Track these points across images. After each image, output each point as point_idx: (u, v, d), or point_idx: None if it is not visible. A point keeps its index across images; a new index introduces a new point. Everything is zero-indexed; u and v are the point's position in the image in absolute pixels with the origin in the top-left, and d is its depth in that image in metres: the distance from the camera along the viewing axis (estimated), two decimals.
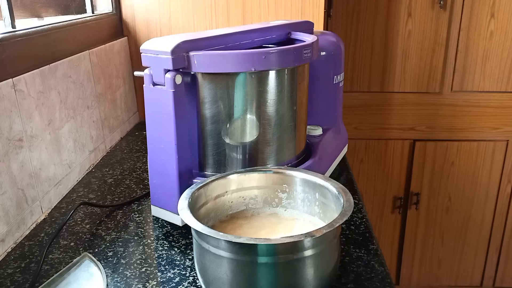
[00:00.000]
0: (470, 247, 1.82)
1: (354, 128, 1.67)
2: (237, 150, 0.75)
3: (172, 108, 0.69)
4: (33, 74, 0.80)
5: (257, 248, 0.50)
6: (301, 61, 0.74)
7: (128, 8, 1.26)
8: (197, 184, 0.65)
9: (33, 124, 0.80)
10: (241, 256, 0.51)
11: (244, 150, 0.76)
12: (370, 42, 1.58)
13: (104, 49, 1.13)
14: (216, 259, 0.53)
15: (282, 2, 1.21)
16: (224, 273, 0.53)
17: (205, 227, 0.53)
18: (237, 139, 0.75)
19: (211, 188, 0.66)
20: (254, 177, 0.70)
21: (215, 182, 0.67)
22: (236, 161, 0.76)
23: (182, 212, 0.57)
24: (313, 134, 0.92)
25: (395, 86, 1.63)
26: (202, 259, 0.55)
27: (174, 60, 0.67)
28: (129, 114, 1.30)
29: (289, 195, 0.70)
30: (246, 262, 0.51)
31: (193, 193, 0.62)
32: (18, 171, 0.75)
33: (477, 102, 1.62)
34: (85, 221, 0.81)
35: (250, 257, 0.51)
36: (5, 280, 0.65)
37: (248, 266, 0.51)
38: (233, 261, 0.52)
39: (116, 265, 0.67)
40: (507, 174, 1.70)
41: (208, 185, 0.66)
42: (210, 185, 0.66)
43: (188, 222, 0.54)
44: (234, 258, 0.51)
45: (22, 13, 0.94)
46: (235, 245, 0.51)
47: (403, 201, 1.76)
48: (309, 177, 0.68)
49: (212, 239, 0.52)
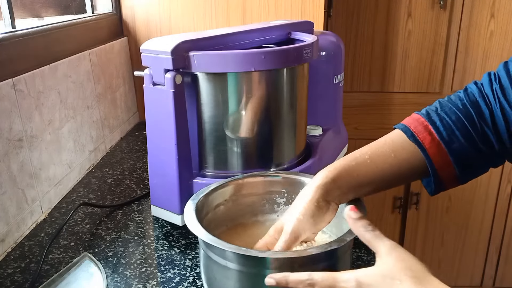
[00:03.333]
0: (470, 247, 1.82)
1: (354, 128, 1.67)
2: (237, 150, 0.75)
3: (172, 108, 0.69)
4: (33, 74, 0.80)
5: (266, 261, 0.48)
6: (301, 61, 0.74)
7: (128, 8, 1.26)
8: (198, 193, 0.62)
9: (33, 124, 0.80)
10: (249, 268, 0.49)
11: (244, 150, 0.75)
12: (370, 42, 1.58)
13: (104, 49, 1.13)
14: (223, 270, 0.51)
15: (282, 2, 1.21)
16: (232, 285, 0.51)
17: (216, 239, 0.50)
18: (237, 139, 0.75)
19: (212, 197, 0.63)
20: (252, 183, 0.67)
21: (216, 192, 0.64)
22: (236, 161, 0.76)
23: (190, 222, 0.55)
24: (313, 134, 0.92)
25: (395, 86, 1.63)
26: (210, 271, 0.54)
27: (174, 60, 0.67)
28: (129, 114, 1.30)
29: (287, 201, 0.67)
30: (254, 275, 0.50)
31: (197, 203, 0.59)
32: (18, 171, 0.75)
33: None
34: (85, 221, 0.81)
35: (258, 269, 0.49)
36: (5, 280, 0.65)
37: (256, 278, 0.49)
38: (241, 273, 0.50)
39: (116, 265, 0.67)
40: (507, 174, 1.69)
41: (210, 194, 0.63)
42: (212, 194, 0.63)
43: (198, 234, 0.52)
44: (242, 270, 0.50)
45: (22, 13, 0.94)
46: (244, 257, 0.49)
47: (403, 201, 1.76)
48: (308, 179, 0.64)
49: (219, 250, 0.50)
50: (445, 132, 0.56)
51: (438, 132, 0.56)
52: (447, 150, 0.56)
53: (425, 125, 0.57)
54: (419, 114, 0.59)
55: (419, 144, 0.56)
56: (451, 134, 0.56)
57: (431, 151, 0.56)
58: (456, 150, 0.56)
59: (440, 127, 0.56)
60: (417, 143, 0.56)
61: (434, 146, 0.56)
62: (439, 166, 0.56)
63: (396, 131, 0.60)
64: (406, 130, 0.58)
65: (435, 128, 0.56)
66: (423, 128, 0.57)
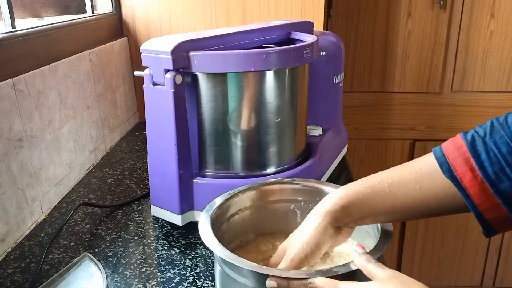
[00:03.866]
0: (470, 247, 1.82)
1: (354, 128, 1.67)
2: (237, 150, 0.75)
3: (172, 108, 0.69)
4: (33, 74, 0.80)
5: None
6: (301, 61, 0.74)
7: (128, 8, 1.26)
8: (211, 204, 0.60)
9: (33, 124, 0.80)
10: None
11: (244, 150, 0.76)
12: (370, 42, 1.58)
13: (104, 49, 1.13)
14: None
15: (282, 2, 1.21)
16: None
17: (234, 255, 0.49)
18: (237, 139, 0.75)
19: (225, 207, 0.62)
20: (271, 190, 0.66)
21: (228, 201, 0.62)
22: (236, 160, 0.76)
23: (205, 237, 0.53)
24: (313, 134, 0.92)
25: (395, 86, 1.62)
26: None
27: (174, 60, 0.67)
28: (129, 114, 1.30)
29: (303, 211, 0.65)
30: None
31: (211, 215, 0.58)
32: (18, 171, 0.75)
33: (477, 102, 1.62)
34: (85, 221, 0.81)
35: None
36: (5, 280, 0.65)
37: None
38: None
39: (116, 265, 0.67)
40: None
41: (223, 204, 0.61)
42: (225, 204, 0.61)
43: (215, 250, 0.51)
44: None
45: (22, 13, 0.94)
46: (264, 276, 0.47)
47: None
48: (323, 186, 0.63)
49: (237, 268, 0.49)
50: (491, 168, 0.45)
51: (482, 168, 0.45)
52: (492, 191, 0.45)
53: (466, 156, 0.46)
54: (463, 139, 0.47)
55: (457, 182, 0.46)
56: (498, 172, 0.45)
57: (473, 191, 0.46)
58: (506, 191, 0.45)
59: (486, 162, 0.45)
60: (454, 180, 0.46)
61: (477, 185, 0.45)
62: (485, 208, 0.46)
63: (429, 157, 0.49)
64: (442, 161, 0.47)
65: (479, 163, 0.45)
66: (463, 161, 0.46)
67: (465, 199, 0.46)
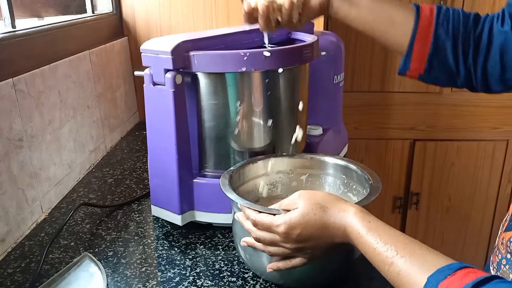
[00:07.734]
0: (470, 247, 1.82)
1: (354, 128, 1.67)
2: (237, 150, 0.75)
3: (172, 107, 0.69)
4: (33, 74, 0.80)
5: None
6: (301, 61, 0.74)
7: (128, 8, 1.26)
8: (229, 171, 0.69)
9: (33, 124, 0.80)
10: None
11: (244, 149, 0.76)
12: (370, 42, 1.58)
13: (104, 49, 1.13)
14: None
15: None
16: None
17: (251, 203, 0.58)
18: (237, 138, 0.75)
19: (242, 172, 0.71)
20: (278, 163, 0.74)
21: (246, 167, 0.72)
22: (236, 160, 0.76)
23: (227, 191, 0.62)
24: (313, 134, 0.92)
25: (395, 86, 1.62)
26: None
27: (174, 60, 0.67)
28: (129, 114, 1.30)
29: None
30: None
31: (231, 175, 0.67)
32: (18, 171, 0.75)
33: (477, 102, 1.62)
34: (85, 221, 0.81)
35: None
36: (5, 280, 0.65)
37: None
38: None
39: (116, 265, 0.67)
40: (507, 174, 1.69)
41: (241, 169, 0.71)
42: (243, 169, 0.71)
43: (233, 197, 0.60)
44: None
45: (22, 13, 0.94)
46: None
47: (403, 201, 1.76)
48: (337, 160, 0.72)
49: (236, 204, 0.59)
50: (443, 19, 0.62)
51: (438, 15, 0.62)
52: (435, 28, 0.62)
53: (431, 7, 0.63)
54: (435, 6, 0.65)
55: (417, 10, 0.63)
56: (447, 25, 0.62)
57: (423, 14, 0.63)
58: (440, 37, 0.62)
59: (441, 16, 0.62)
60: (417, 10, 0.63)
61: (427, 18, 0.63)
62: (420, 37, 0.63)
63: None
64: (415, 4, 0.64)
65: (437, 14, 0.63)
66: (428, 8, 0.63)
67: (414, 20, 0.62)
